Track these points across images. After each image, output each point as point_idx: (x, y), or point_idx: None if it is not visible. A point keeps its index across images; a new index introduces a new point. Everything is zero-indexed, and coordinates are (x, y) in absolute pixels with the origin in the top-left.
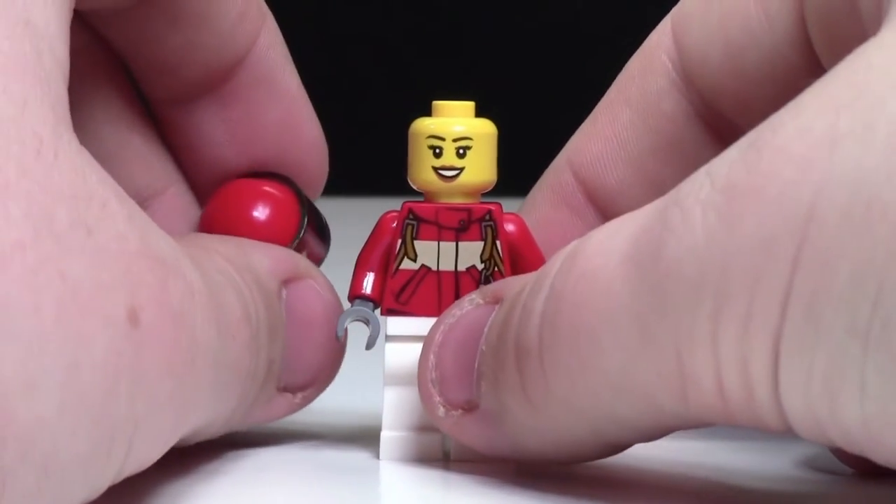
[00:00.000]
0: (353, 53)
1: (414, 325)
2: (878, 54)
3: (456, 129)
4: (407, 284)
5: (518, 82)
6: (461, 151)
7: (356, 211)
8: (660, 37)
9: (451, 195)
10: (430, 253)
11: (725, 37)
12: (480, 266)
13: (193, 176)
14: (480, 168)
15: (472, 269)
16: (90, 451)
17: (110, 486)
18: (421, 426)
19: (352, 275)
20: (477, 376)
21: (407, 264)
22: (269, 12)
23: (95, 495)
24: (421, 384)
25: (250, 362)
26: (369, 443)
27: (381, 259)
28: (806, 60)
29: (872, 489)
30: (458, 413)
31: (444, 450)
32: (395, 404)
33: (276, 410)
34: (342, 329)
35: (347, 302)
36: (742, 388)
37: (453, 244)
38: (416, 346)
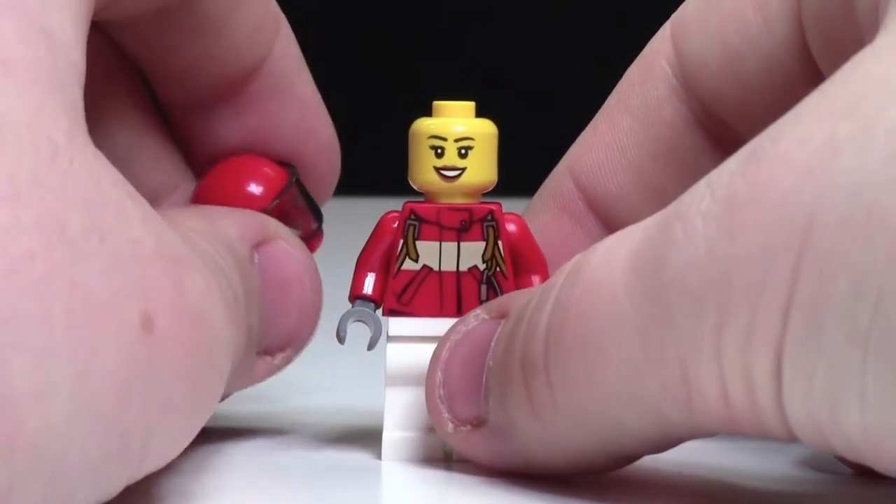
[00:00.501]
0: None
1: (416, 325)
2: (875, 61)
3: (457, 129)
4: (409, 285)
5: (517, 82)
6: (463, 151)
7: (356, 211)
8: (659, 43)
9: (453, 195)
10: (431, 253)
11: (724, 42)
12: (482, 266)
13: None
14: (482, 168)
15: (473, 270)
16: (101, 457)
17: None
18: (422, 426)
19: (352, 275)
20: (485, 392)
21: (409, 265)
22: (284, 21)
23: (108, 497)
24: (429, 401)
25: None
26: (371, 443)
27: (381, 259)
28: (804, 66)
29: (872, 489)
30: (468, 429)
31: (445, 450)
32: (396, 405)
33: (258, 374)
34: (344, 330)
35: (348, 303)
36: (746, 397)
37: (455, 244)
38: (417, 347)
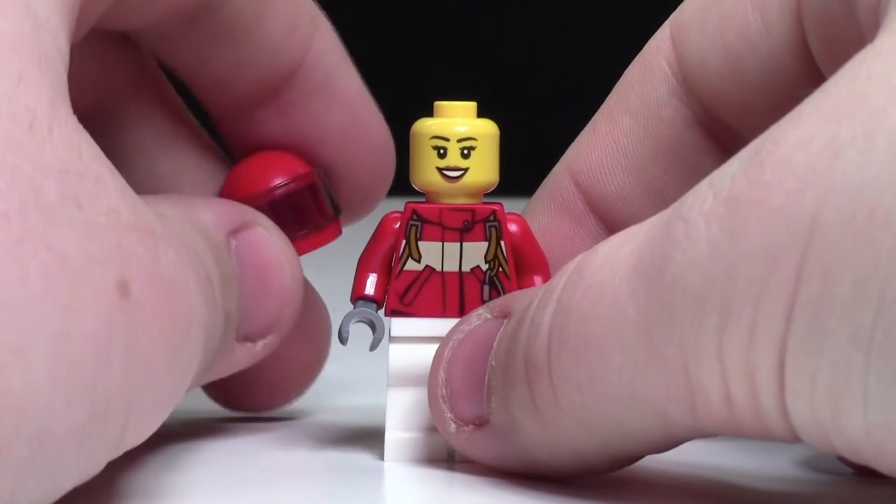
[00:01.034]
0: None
1: (418, 326)
2: (877, 62)
3: (460, 129)
4: (411, 285)
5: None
6: (465, 152)
7: None
8: (659, 43)
9: (455, 196)
10: (434, 254)
11: (724, 43)
12: (485, 266)
13: None
14: (484, 168)
15: (476, 270)
16: (86, 421)
17: (110, 484)
18: (425, 427)
19: (354, 276)
20: (487, 391)
21: (411, 265)
22: (323, 20)
23: (95, 470)
24: (431, 401)
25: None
26: (373, 444)
27: (383, 260)
28: (804, 66)
29: (872, 489)
30: (470, 428)
31: (448, 450)
32: (398, 405)
33: (238, 361)
34: (346, 330)
35: (350, 304)
36: (749, 398)
37: (457, 245)
38: (420, 347)
